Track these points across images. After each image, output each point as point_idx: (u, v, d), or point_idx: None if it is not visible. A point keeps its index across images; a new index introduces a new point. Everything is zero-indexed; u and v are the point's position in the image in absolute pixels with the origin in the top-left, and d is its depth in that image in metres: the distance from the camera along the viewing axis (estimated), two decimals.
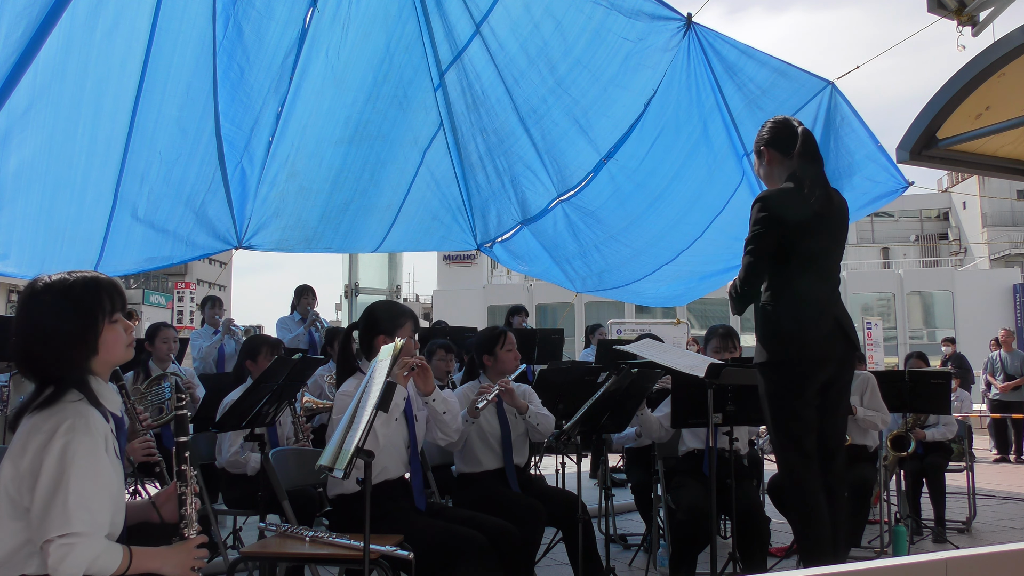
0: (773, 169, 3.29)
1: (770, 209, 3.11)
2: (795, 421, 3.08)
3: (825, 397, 3.13)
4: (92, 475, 1.82)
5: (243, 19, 4.67)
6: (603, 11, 5.07)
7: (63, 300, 1.92)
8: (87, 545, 1.79)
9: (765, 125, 3.36)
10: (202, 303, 7.33)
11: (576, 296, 8.08)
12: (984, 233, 35.51)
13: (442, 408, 3.24)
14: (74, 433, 1.82)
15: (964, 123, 4.72)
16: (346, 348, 3.34)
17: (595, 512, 4.43)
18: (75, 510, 1.78)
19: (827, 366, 3.11)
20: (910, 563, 1.46)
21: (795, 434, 3.08)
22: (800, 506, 3.12)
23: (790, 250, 3.11)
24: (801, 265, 3.12)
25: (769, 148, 3.29)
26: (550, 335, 7.03)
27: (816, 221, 3.12)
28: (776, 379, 3.11)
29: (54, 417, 1.84)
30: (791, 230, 3.09)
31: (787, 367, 3.08)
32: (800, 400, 3.07)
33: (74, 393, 1.88)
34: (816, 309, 3.11)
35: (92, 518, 1.81)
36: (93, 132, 4.59)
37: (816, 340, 3.07)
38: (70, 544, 1.77)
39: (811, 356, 3.07)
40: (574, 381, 4.17)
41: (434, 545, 2.89)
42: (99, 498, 1.84)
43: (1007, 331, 10.96)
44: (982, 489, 6.43)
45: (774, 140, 3.29)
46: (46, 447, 1.81)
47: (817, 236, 3.15)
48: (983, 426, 10.92)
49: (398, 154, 5.82)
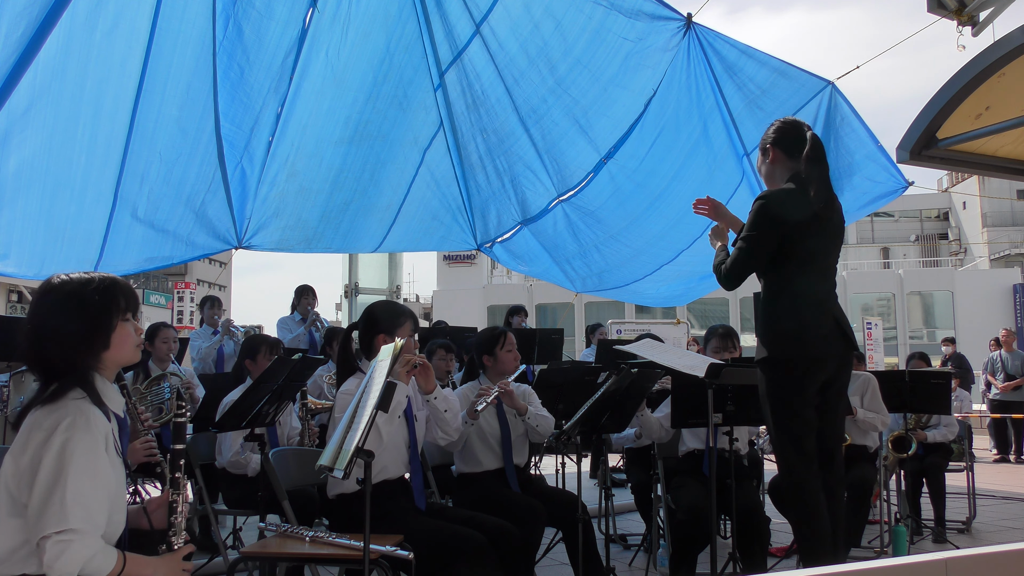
0: (776, 168, 3.30)
1: (772, 208, 3.13)
2: (795, 420, 3.08)
3: (824, 397, 3.15)
4: (90, 473, 1.82)
5: (243, 19, 4.67)
6: (603, 11, 5.07)
7: (76, 298, 1.95)
8: (83, 543, 1.79)
9: (774, 124, 3.38)
10: (201, 303, 7.33)
11: (576, 296, 8.09)
12: (984, 233, 35.51)
13: (443, 406, 3.24)
14: (74, 430, 1.82)
15: (964, 123, 4.72)
16: (346, 348, 3.34)
17: (595, 512, 4.43)
18: (72, 507, 1.78)
19: (827, 365, 3.12)
20: (910, 563, 1.46)
21: (795, 433, 3.08)
22: (800, 506, 3.12)
23: (791, 249, 3.13)
24: (801, 265, 3.14)
25: (775, 147, 3.31)
26: (550, 335, 7.03)
27: (816, 222, 3.14)
28: (777, 377, 3.12)
29: (55, 414, 1.84)
30: (792, 230, 3.10)
31: (788, 365, 3.09)
32: (800, 398, 3.08)
33: (77, 391, 1.89)
34: (816, 308, 3.13)
35: (89, 516, 1.81)
36: (93, 132, 4.60)
37: (817, 339, 3.09)
38: (66, 541, 1.76)
39: (812, 354, 3.08)
40: (574, 381, 4.17)
41: (434, 545, 2.90)
42: (97, 497, 1.84)
43: (1008, 331, 10.96)
44: (982, 489, 6.43)
45: (781, 140, 3.31)
46: (45, 444, 1.81)
47: (817, 236, 3.17)
48: (983, 426, 10.92)
49: (398, 154, 5.83)
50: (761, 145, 3.38)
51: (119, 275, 2.09)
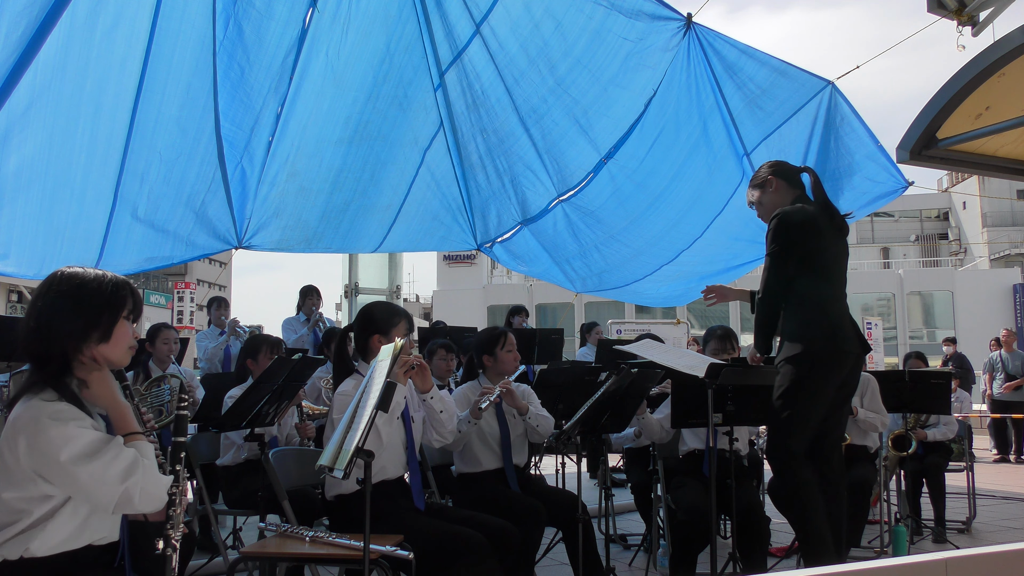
0: (778, 197, 3.55)
1: (791, 219, 3.37)
2: (808, 417, 3.21)
3: (836, 394, 3.28)
4: (89, 451, 1.85)
5: (243, 19, 4.67)
6: (603, 11, 5.06)
7: (88, 289, 1.99)
8: (138, 477, 1.87)
9: (763, 165, 3.70)
10: (208, 303, 7.35)
11: (576, 296, 8.08)
12: (984, 233, 35.49)
13: (439, 407, 3.24)
14: (51, 424, 1.84)
15: (964, 123, 4.72)
16: (342, 349, 3.34)
17: (595, 512, 4.43)
18: (98, 485, 1.84)
19: (848, 363, 3.30)
20: (910, 563, 1.46)
21: (805, 430, 3.16)
22: (798, 504, 3.15)
23: (813, 257, 3.35)
24: (823, 270, 3.38)
25: (777, 177, 3.56)
26: (550, 335, 7.03)
27: (830, 231, 3.43)
28: (804, 371, 3.24)
29: (31, 412, 1.86)
30: (812, 239, 3.35)
31: (817, 361, 3.24)
32: (822, 395, 3.23)
33: (50, 393, 1.91)
34: (841, 309, 3.37)
35: (108, 471, 1.85)
36: (93, 131, 4.59)
37: (844, 337, 3.29)
38: (128, 487, 1.86)
39: (842, 349, 3.28)
40: (574, 381, 4.17)
41: (434, 545, 2.89)
42: (101, 454, 1.86)
43: (1009, 331, 10.96)
44: (982, 489, 6.43)
45: (781, 171, 3.59)
46: (46, 460, 1.83)
47: (833, 244, 3.44)
48: (983, 426, 10.92)
49: (398, 154, 5.82)
50: (757, 182, 3.63)
51: (120, 274, 2.10)
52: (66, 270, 2.04)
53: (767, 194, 3.57)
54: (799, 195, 3.52)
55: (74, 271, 2.03)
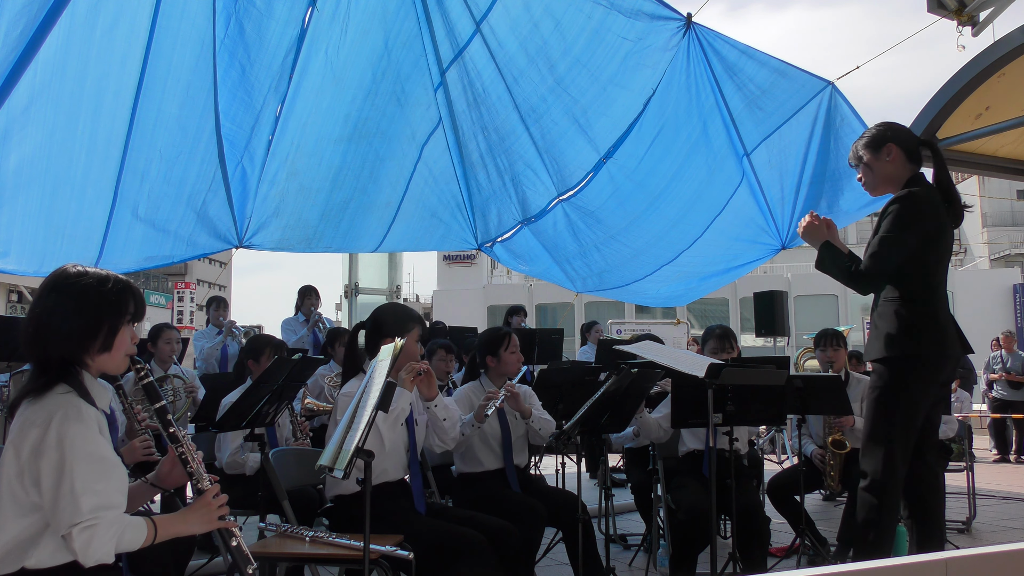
0: (896, 168, 3.12)
1: (923, 207, 3.01)
2: (912, 417, 3.02)
3: (936, 393, 3.14)
4: (94, 458, 1.84)
5: (244, 17, 4.67)
6: (603, 11, 5.06)
7: (91, 294, 1.96)
8: (106, 525, 1.80)
9: (875, 126, 3.21)
10: (207, 303, 7.36)
11: (576, 296, 8.08)
12: (984, 233, 35.49)
13: (443, 415, 3.24)
14: (67, 422, 1.83)
15: (964, 123, 4.73)
16: (352, 348, 3.33)
17: (595, 512, 4.42)
18: (82, 496, 1.79)
19: (952, 366, 3.13)
20: (910, 563, 1.45)
21: (906, 430, 3.01)
22: (876, 510, 3.07)
23: (930, 250, 3.06)
24: (935, 266, 3.10)
25: (897, 145, 3.11)
26: (550, 335, 7.03)
27: (948, 224, 3.11)
28: (906, 375, 3.02)
29: (45, 410, 1.85)
30: (934, 229, 3.04)
31: (925, 361, 3.03)
32: (925, 396, 3.03)
33: (63, 386, 1.90)
34: (947, 308, 3.11)
35: (102, 499, 1.82)
36: (93, 130, 4.59)
37: (951, 338, 3.06)
38: (90, 527, 1.78)
39: (948, 353, 3.06)
40: (574, 381, 4.17)
41: (434, 545, 2.89)
42: (106, 477, 1.85)
43: (1008, 336, 10.96)
44: (982, 489, 6.42)
45: (903, 140, 3.12)
46: (43, 441, 1.82)
47: (949, 238, 3.15)
48: (983, 426, 10.93)
49: (396, 150, 5.82)
50: (874, 143, 3.16)
51: (120, 273, 2.09)
52: (69, 269, 2.00)
53: (881, 162, 3.13)
54: (916, 175, 3.08)
55: (78, 271, 1.99)
